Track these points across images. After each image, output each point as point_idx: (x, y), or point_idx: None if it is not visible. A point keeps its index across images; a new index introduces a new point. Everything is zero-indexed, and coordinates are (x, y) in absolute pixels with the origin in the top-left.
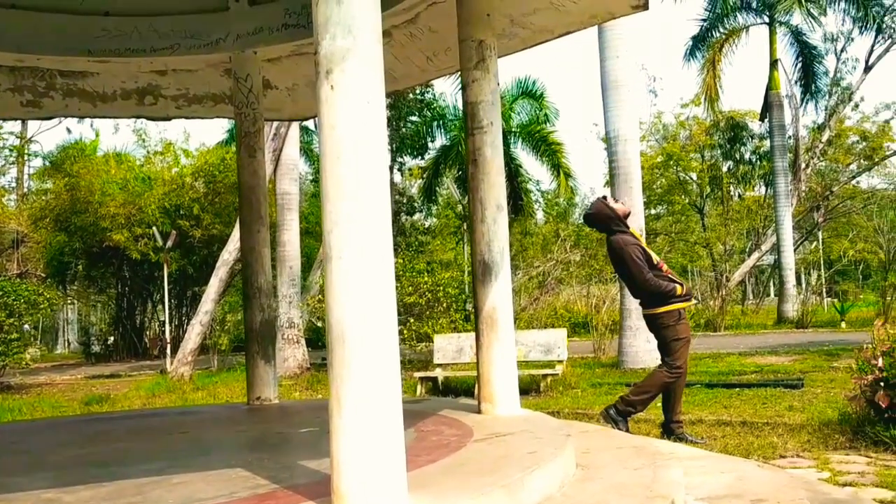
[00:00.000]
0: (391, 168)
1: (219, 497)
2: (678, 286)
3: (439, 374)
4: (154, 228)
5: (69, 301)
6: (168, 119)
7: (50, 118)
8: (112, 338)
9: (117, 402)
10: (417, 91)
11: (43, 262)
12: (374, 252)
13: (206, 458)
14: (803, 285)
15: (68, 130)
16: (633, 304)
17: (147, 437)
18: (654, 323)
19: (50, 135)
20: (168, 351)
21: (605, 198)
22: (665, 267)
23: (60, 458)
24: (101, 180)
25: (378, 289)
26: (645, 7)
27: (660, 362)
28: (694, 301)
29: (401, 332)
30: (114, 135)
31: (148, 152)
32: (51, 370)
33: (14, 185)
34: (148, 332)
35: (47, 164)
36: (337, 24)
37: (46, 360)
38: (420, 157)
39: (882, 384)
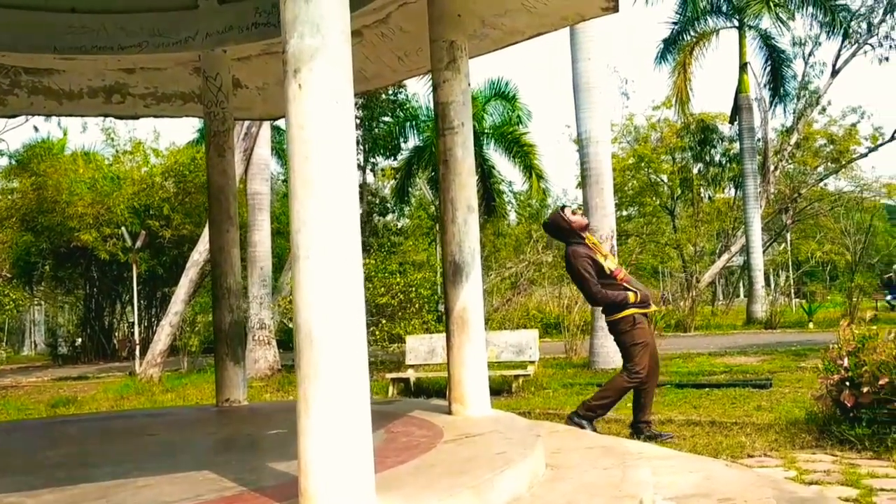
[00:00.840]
0: (364, 169)
1: (185, 499)
2: (631, 294)
3: (411, 374)
4: (123, 228)
5: (36, 302)
6: (136, 118)
7: (14, 116)
8: (80, 339)
9: (84, 405)
10: (390, 91)
11: (9, 262)
12: (341, 252)
13: (173, 461)
14: (772, 286)
15: (35, 129)
16: None
17: (114, 440)
18: (612, 329)
19: (16, 133)
20: (137, 352)
21: (563, 209)
22: (622, 275)
23: (24, 461)
24: (68, 179)
25: (346, 289)
26: (615, 9)
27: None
28: (654, 308)
29: (373, 333)
30: (82, 133)
31: (117, 151)
32: (17, 372)
33: None
34: (117, 334)
35: (13, 162)
36: (305, 22)
37: (12, 361)
38: (393, 158)
39: (847, 384)
